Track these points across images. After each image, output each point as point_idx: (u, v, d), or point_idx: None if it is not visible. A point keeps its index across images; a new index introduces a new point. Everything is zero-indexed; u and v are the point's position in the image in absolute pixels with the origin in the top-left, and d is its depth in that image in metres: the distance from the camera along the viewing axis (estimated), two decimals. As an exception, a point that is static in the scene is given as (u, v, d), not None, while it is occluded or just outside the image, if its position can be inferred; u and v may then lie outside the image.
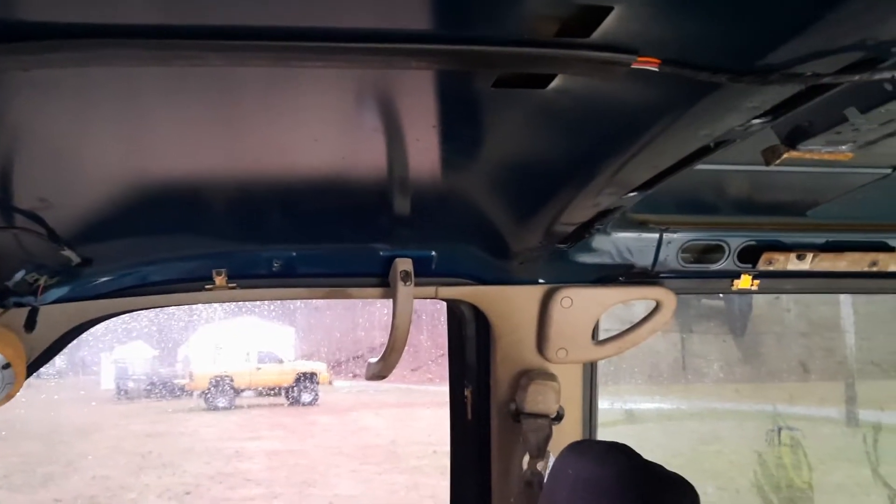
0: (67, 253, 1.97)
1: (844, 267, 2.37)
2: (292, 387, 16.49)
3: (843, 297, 11.39)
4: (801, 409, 11.25)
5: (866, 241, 2.38)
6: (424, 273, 2.30)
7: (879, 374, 11.95)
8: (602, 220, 1.99)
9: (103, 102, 1.36)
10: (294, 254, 2.27)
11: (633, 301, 2.46)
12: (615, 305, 2.43)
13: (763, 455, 10.17)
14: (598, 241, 2.30)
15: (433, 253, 2.31)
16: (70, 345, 2.29)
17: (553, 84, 1.27)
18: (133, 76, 1.24)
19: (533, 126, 1.54)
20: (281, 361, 16.84)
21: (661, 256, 2.34)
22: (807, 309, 12.43)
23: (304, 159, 1.74)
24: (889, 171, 1.87)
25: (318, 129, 1.57)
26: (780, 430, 10.44)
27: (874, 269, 2.39)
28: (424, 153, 1.71)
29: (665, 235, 2.30)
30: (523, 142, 1.65)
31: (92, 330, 2.33)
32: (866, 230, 2.38)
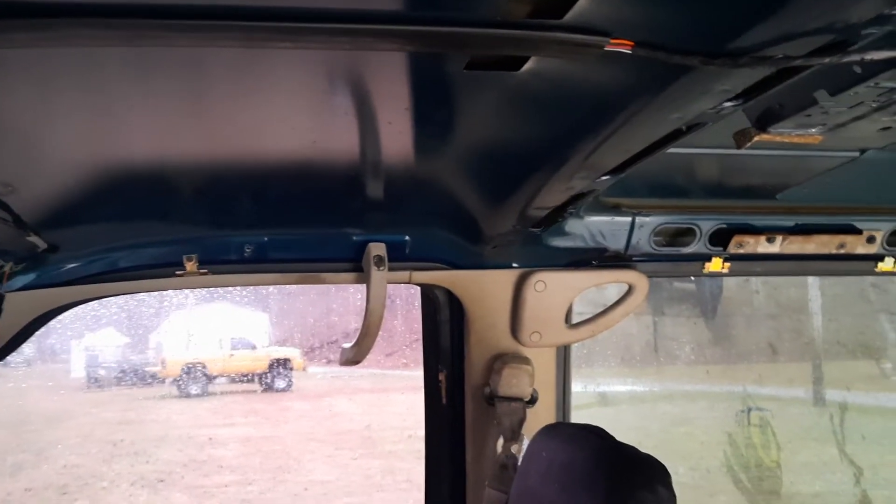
0: (33, 239, 1.94)
1: (813, 249, 2.40)
2: (266, 373, 16.41)
3: (810, 279, 11.57)
4: (769, 390, 11.43)
5: (834, 223, 2.41)
6: (398, 258, 2.30)
7: (846, 355, 12.18)
8: (575, 203, 2.00)
9: (69, 84, 1.33)
10: (266, 239, 2.25)
11: (605, 284, 2.47)
12: (588, 289, 2.44)
13: (733, 435, 10.33)
14: (572, 224, 2.30)
15: (406, 237, 2.31)
16: (38, 332, 2.26)
17: (526, 66, 1.26)
18: (99, 57, 1.21)
19: (506, 109, 1.54)
20: (254, 348, 16.74)
21: (634, 240, 2.35)
22: (775, 291, 12.61)
23: (275, 143, 1.72)
24: (857, 153, 1.90)
25: (289, 113, 1.55)
26: (749, 410, 10.61)
27: (842, 251, 2.42)
28: (397, 136, 1.69)
29: (637, 219, 2.31)
30: (496, 125, 1.64)
31: (60, 317, 2.29)
32: (834, 213, 2.41)
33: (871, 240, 2.42)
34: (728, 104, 1.32)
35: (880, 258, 2.52)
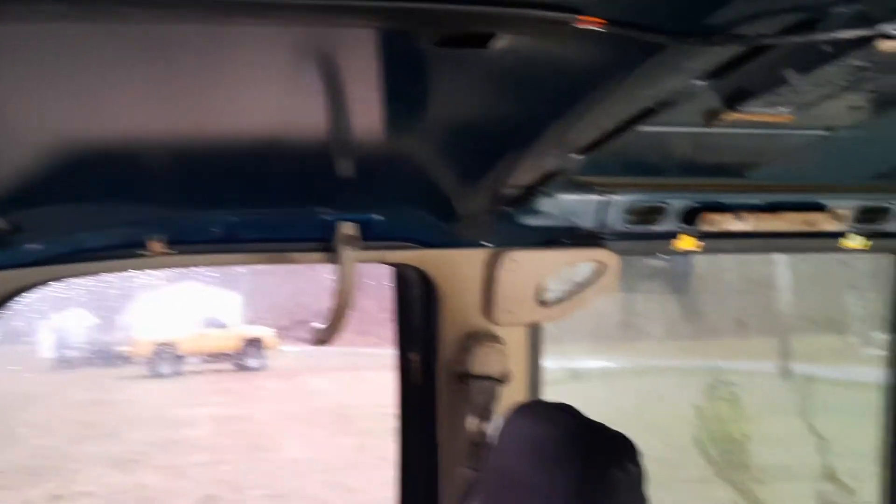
0: (-6, 220, 1.90)
1: (782, 227, 2.42)
2: (238, 352, 16.35)
3: (779, 256, 11.75)
4: (738, 364, 11.63)
5: (802, 201, 2.44)
6: (369, 237, 2.28)
7: (812, 330, 12.42)
8: (547, 182, 2.00)
9: (30, 62, 1.29)
10: (234, 219, 2.22)
11: (578, 263, 2.48)
12: (560, 268, 2.45)
13: (702, 409, 10.50)
14: (544, 203, 2.30)
15: (378, 217, 2.29)
16: (3, 314, 2.22)
17: (498, 44, 1.25)
18: (62, 33, 1.18)
19: (478, 87, 1.53)
20: (225, 327, 16.65)
21: (606, 218, 2.36)
22: (745, 268, 12.79)
23: (243, 121, 1.69)
24: (826, 132, 1.91)
25: (257, 90, 1.52)
26: (718, 385, 10.79)
27: (810, 228, 2.45)
28: (368, 114, 1.68)
29: (609, 197, 2.31)
30: (468, 103, 1.63)
31: (26, 299, 2.25)
32: (803, 191, 2.44)
33: (837, 217, 2.45)
34: (699, 82, 1.32)
35: (847, 235, 2.55)
